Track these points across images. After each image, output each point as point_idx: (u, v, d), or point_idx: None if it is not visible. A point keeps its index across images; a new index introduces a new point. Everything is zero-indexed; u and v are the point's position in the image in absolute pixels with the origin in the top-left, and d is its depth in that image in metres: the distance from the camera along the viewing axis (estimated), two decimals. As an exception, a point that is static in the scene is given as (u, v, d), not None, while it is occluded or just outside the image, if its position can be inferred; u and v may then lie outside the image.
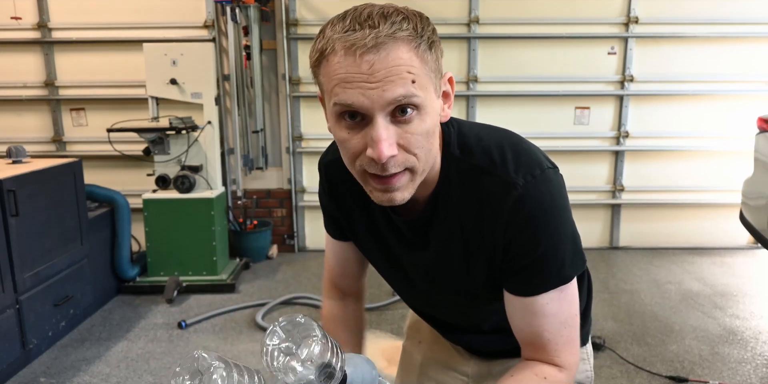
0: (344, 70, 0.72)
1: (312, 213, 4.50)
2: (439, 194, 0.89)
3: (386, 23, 0.71)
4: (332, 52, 0.73)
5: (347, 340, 1.13)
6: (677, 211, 4.49)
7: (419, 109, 0.75)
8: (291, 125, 4.34)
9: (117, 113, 4.05)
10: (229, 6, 3.88)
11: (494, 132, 0.91)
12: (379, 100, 0.72)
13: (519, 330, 0.91)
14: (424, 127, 0.76)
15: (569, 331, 0.89)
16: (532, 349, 0.90)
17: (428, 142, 0.78)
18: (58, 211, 2.96)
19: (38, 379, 2.64)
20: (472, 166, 0.86)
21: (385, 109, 0.73)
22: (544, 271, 0.85)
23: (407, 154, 0.77)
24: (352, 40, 0.71)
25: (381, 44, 0.70)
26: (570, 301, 0.89)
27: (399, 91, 0.72)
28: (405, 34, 0.72)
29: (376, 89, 0.71)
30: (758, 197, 3.02)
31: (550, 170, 0.85)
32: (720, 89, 4.32)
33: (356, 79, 0.72)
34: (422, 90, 0.74)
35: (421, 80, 0.74)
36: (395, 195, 0.80)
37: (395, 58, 0.71)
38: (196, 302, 3.50)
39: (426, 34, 0.74)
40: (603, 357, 2.76)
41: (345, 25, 0.72)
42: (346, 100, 0.73)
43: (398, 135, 0.75)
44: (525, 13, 4.20)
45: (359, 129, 0.76)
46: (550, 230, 0.84)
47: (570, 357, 0.90)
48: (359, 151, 0.77)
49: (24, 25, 4.13)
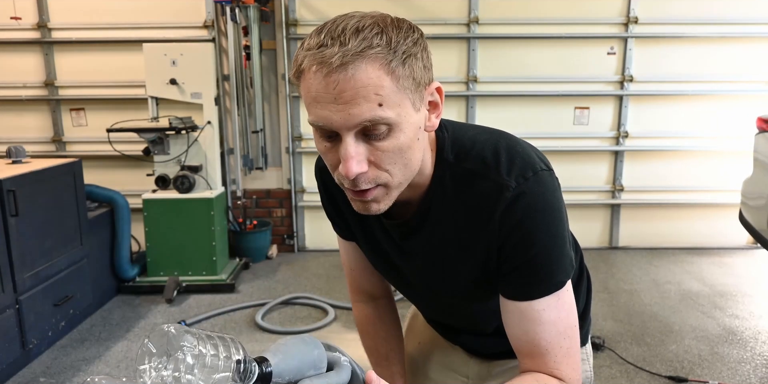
0: (315, 89, 0.72)
1: (312, 213, 4.50)
2: (432, 199, 0.89)
3: (357, 39, 0.70)
4: (306, 68, 0.73)
5: (386, 338, 1.15)
6: (677, 211, 4.50)
7: (392, 127, 0.74)
8: (291, 125, 4.34)
9: (117, 113, 4.05)
10: (229, 6, 3.88)
11: (489, 134, 0.91)
12: (345, 122, 0.72)
13: (516, 338, 0.89)
14: (397, 144, 0.76)
15: (569, 342, 0.87)
16: (530, 360, 0.88)
17: (403, 157, 0.77)
18: (57, 211, 2.96)
19: (38, 379, 2.64)
20: (465, 171, 0.86)
21: (352, 129, 0.73)
22: (538, 273, 0.85)
23: (378, 170, 0.77)
24: (320, 57, 0.71)
25: (347, 63, 0.70)
26: (568, 310, 0.87)
27: (365, 115, 0.71)
28: (375, 52, 0.70)
29: (342, 112, 0.72)
30: (757, 197, 3.02)
31: (544, 172, 0.85)
32: (719, 89, 4.32)
33: (324, 99, 0.72)
34: (393, 109, 0.73)
35: (392, 99, 0.73)
36: (371, 206, 0.81)
37: (362, 79, 0.70)
38: (196, 302, 3.50)
39: (401, 48, 0.72)
40: (602, 357, 2.76)
41: (319, 40, 0.72)
42: (316, 120, 0.74)
43: (369, 152, 0.75)
44: (525, 13, 4.21)
45: (334, 144, 0.77)
46: (543, 231, 0.83)
47: (571, 372, 0.87)
48: (336, 164, 0.78)
49: (24, 25, 4.13)
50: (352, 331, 3.03)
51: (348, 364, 0.74)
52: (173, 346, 0.59)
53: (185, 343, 0.59)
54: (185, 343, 0.59)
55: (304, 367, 0.69)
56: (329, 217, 1.09)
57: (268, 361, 0.66)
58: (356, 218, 1.00)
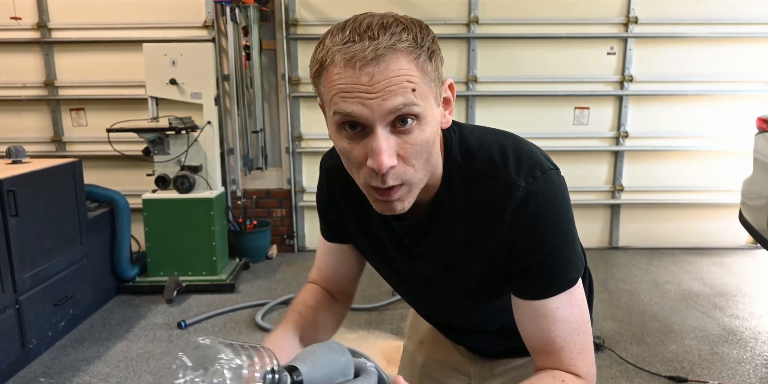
0: (344, 81, 0.72)
1: (311, 213, 4.50)
2: (440, 200, 0.89)
3: (386, 34, 0.71)
4: (332, 64, 0.73)
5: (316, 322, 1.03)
6: (677, 211, 4.50)
7: (419, 119, 0.75)
8: (290, 125, 4.34)
9: (117, 113, 4.05)
10: (229, 6, 3.88)
11: (495, 135, 0.92)
12: (378, 109, 0.72)
13: (530, 337, 0.89)
14: (423, 137, 0.76)
15: (583, 338, 0.87)
16: (545, 358, 0.88)
17: (427, 151, 0.78)
18: (57, 211, 2.96)
19: (38, 379, 2.64)
20: (474, 171, 0.86)
21: (385, 119, 0.73)
22: (550, 271, 0.85)
23: (405, 165, 0.77)
24: (351, 52, 0.71)
25: (380, 56, 0.70)
26: (580, 306, 0.88)
27: (399, 99, 0.72)
28: (405, 45, 0.72)
29: (376, 99, 0.71)
30: (757, 197, 3.02)
31: (551, 171, 0.86)
32: (720, 89, 4.32)
33: (356, 90, 0.72)
34: (422, 99, 0.74)
35: (421, 89, 0.74)
36: (395, 205, 0.81)
37: (395, 70, 0.71)
38: (196, 302, 3.50)
39: (426, 44, 0.74)
40: (602, 357, 2.76)
41: (344, 36, 0.72)
42: (345, 109, 0.73)
43: (398, 145, 0.75)
44: (524, 14, 4.21)
45: (360, 139, 0.76)
46: (554, 230, 0.84)
47: (587, 367, 0.87)
48: (361, 161, 0.77)
49: (24, 25, 4.12)
50: (353, 331, 3.04)
51: (374, 369, 0.75)
52: (209, 358, 0.60)
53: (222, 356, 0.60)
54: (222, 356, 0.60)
55: (333, 374, 0.70)
56: (323, 218, 1.08)
57: (298, 370, 0.67)
58: (361, 220, 0.99)
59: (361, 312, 3.30)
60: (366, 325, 3.15)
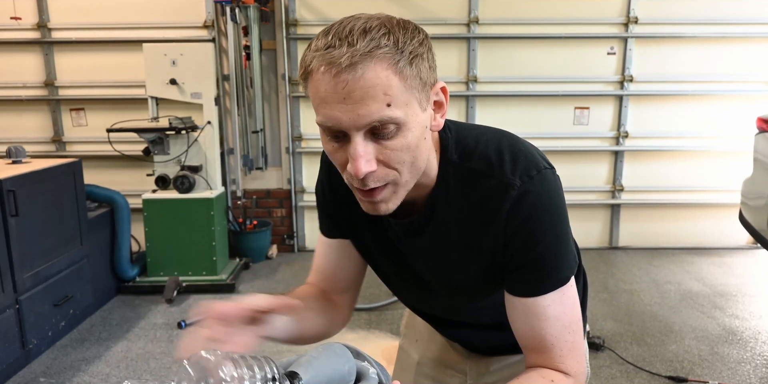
0: (323, 89, 0.73)
1: (311, 213, 4.50)
2: (436, 198, 0.89)
3: (365, 40, 0.71)
4: (315, 69, 0.74)
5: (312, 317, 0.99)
6: (677, 211, 4.50)
7: (400, 126, 0.75)
8: (290, 125, 4.34)
9: (117, 113, 4.05)
10: (229, 6, 3.88)
11: (491, 134, 0.92)
12: (354, 122, 0.73)
13: (522, 334, 0.90)
14: (405, 143, 0.77)
15: (573, 336, 0.88)
16: (536, 355, 0.89)
17: (411, 155, 0.79)
18: (57, 211, 2.96)
19: (38, 379, 2.64)
20: (470, 170, 0.87)
21: (361, 128, 0.74)
22: (543, 269, 0.86)
23: (387, 169, 0.78)
24: (328, 58, 0.72)
25: (356, 64, 0.70)
26: (572, 305, 0.89)
27: (374, 115, 0.73)
28: (382, 52, 0.71)
29: (351, 112, 0.72)
30: (757, 197, 3.02)
31: (547, 171, 0.86)
32: (719, 89, 4.32)
33: (333, 100, 0.73)
34: (401, 108, 0.74)
35: (400, 99, 0.74)
36: (380, 206, 0.82)
37: (371, 79, 0.71)
38: (196, 302, 3.50)
39: (408, 49, 0.73)
40: (602, 357, 2.76)
41: (327, 41, 0.73)
42: (324, 120, 0.76)
43: (377, 151, 0.76)
44: (524, 14, 4.21)
45: (342, 143, 0.78)
46: (548, 229, 0.85)
47: (576, 365, 0.89)
48: (344, 164, 0.79)
49: (24, 25, 4.13)
50: (353, 331, 3.04)
51: (375, 376, 0.76)
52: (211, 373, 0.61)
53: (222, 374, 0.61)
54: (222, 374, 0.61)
55: (335, 381, 0.71)
56: (323, 212, 1.06)
57: (299, 376, 0.68)
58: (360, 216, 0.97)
59: (361, 312, 3.30)
60: (366, 325, 3.15)
